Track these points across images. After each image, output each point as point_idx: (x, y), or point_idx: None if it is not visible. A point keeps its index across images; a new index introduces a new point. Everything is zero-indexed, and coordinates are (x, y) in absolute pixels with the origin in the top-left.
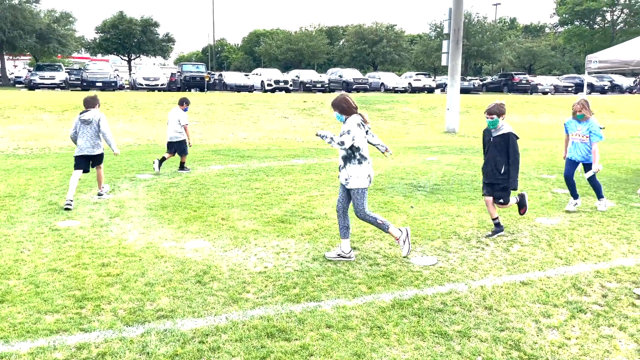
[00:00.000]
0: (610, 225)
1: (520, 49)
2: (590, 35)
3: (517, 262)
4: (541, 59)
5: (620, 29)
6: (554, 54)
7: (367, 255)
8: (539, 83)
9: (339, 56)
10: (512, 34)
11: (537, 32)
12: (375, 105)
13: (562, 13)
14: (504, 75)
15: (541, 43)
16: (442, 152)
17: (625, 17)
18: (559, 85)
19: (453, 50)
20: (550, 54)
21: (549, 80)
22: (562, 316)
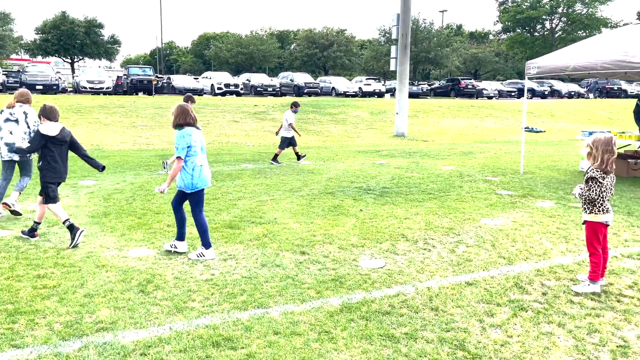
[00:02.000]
0: (550, 225)
1: (466, 55)
2: (532, 42)
3: (463, 263)
4: (486, 64)
5: (559, 37)
6: (498, 60)
7: (316, 260)
8: (484, 88)
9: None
10: (458, 41)
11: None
12: (327, 109)
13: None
14: (451, 80)
15: (486, 49)
16: (392, 155)
17: (563, 25)
18: (502, 90)
19: (401, 55)
20: (494, 60)
21: (493, 86)
22: (505, 315)
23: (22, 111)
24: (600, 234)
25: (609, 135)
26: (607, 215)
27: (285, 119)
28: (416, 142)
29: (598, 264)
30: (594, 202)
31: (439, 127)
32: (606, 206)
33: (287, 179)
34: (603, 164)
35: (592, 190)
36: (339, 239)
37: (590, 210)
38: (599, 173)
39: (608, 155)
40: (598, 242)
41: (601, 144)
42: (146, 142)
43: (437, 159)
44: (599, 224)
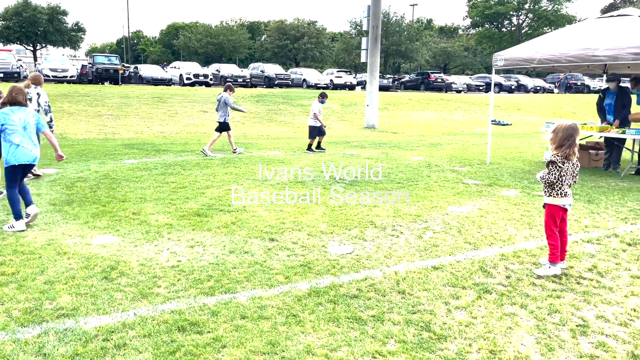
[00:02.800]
0: (515, 212)
1: (435, 49)
2: (499, 37)
3: (429, 248)
4: (455, 59)
5: (526, 32)
6: (467, 54)
7: (285, 246)
8: (453, 82)
9: (260, 51)
10: (428, 35)
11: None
12: (298, 100)
13: (474, 16)
14: (420, 74)
15: (455, 44)
16: (362, 146)
17: (529, 21)
18: (471, 84)
19: (372, 47)
20: (463, 54)
21: (462, 80)
22: (470, 297)
23: (36, 92)
24: (558, 217)
25: (573, 122)
26: (565, 199)
27: (311, 109)
28: (386, 133)
29: (556, 246)
30: (553, 185)
31: (409, 119)
32: (565, 190)
33: (257, 169)
34: (563, 150)
35: (552, 173)
36: (309, 226)
37: (549, 193)
38: (560, 158)
39: (569, 142)
40: (555, 225)
41: (562, 130)
42: (112, 131)
43: (407, 150)
44: (557, 207)
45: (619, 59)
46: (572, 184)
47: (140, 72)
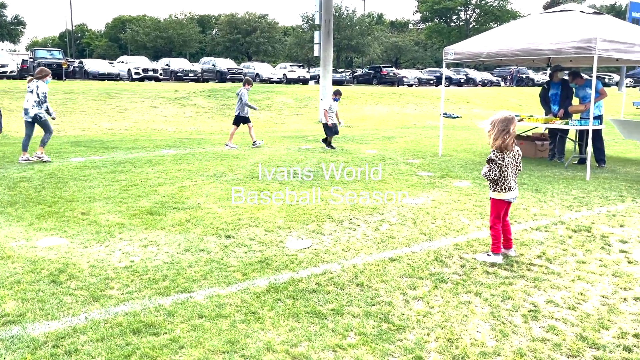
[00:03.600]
0: (467, 202)
1: (387, 43)
2: (448, 32)
3: (386, 240)
4: (406, 53)
5: (473, 27)
6: (417, 48)
7: (242, 243)
8: (405, 76)
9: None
10: (379, 29)
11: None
12: (251, 95)
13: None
14: (373, 68)
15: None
16: (317, 140)
17: (476, 16)
18: (422, 78)
19: (324, 41)
20: (414, 48)
21: (413, 74)
22: (427, 287)
23: (36, 85)
24: (502, 211)
25: (508, 113)
26: (509, 194)
27: (320, 106)
28: (340, 127)
29: (497, 237)
30: (496, 181)
31: (362, 113)
32: (509, 184)
33: (210, 165)
34: (500, 142)
35: (492, 171)
36: (265, 221)
37: (493, 188)
38: (498, 154)
39: (505, 134)
40: (499, 219)
41: (499, 123)
42: (56, 128)
43: (361, 144)
44: (501, 201)
45: (562, 53)
46: (517, 173)
47: (86, 67)
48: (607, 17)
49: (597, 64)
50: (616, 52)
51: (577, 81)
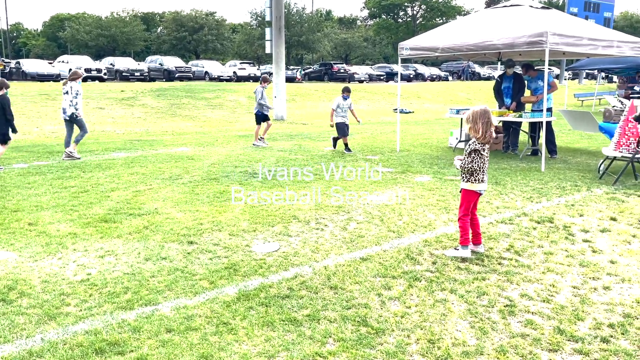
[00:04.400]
0: (430, 197)
1: (336, 39)
2: (396, 28)
3: (355, 240)
4: (355, 49)
5: (420, 23)
6: (367, 45)
7: (206, 249)
8: (356, 72)
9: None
10: (328, 26)
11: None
12: (202, 94)
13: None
14: (324, 64)
15: (354, 35)
16: (274, 138)
17: (423, 12)
18: (372, 74)
19: (276, 37)
20: (363, 45)
21: (364, 70)
22: (401, 286)
23: (70, 86)
24: (472, 202)
25: (484, 107)
26: (483, 185)
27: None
28: (296, 125)
29: (465, 229)
30: (473, 172)
31: (317, 110)
32: (482, 176)
33: (165, 167)
34: (483, 135)
35: (475, 162)
36: (229, 225)
37: (467, 179)
38: (481, 145)
39: (487, 126)
40: (468, 211)
41: (479, 116)
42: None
43: (318, 141)
44: (474, 192)
45: (515, 47)
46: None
47: (24, 68)
48: (555, 12)
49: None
50: (565, 46)
51: (530, 73)
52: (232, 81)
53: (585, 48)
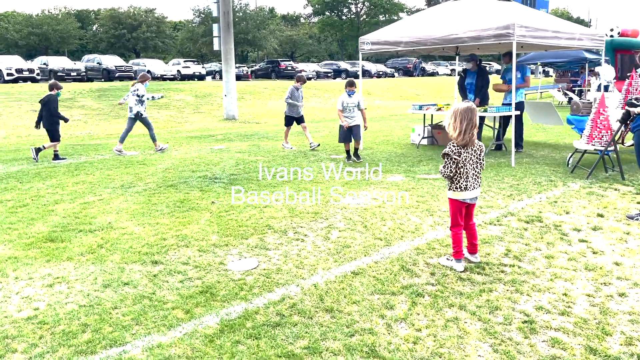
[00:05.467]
0: (409, 199)
1: (281, 37)
2: (341, 25)
3: (341, 250)
4: (301, 46)
5: (364, 20)
6: (312, 42)
7: (174, 269)
8: (303, 69)
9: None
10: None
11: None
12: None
13: (315, 4)
14: (270, 62)
15: (300, 32)
16: (229, 139)
17: (366, 9)
18: (320, 72)
19: (224, 34)
20: (308, 42)
21: (311, 67)
22: (404, 304)
23: (136, 87)
24: (458, 211)
25: (469, 104)
26: (466, 193)
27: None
28: (249, 124)
29: (456, 241)
30: (452, 178)
31: (267, 108)
32: (465, 184)
33: (114, 174)
34: (461, 135)
35: (447, 167)
36: (196, 239)
37: (449, 186)
38: (455, 148)
39: (468, 126)
40: (457, 220)
41: (459, 114)
42: None
43: (276, 141)
44: (457, 201)
45: (482, 40)
46: (479, 172)
47: None
48: (515, 4)
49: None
50: (532, 38)
51: (506, 61)
52: (175, 80)
53: (550, 40)
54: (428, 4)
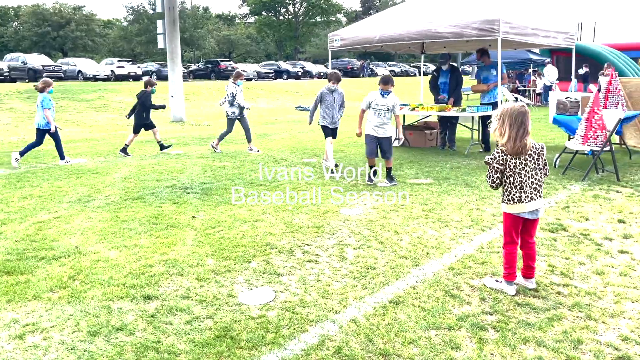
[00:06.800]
0: (412, 208)
1: (218, 36)
2: (278, 25)
3: (367, 273)
4: (239, 47)
5: (302, 20)
6: (250, 42)
7: (175, 306)
8: (244, 70)
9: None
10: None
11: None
12: (81, 95)
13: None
14: (209, 62)
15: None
16: (185, 143)
17: (304, 10)
18: (261, 72)
19: (170, 30)
20: (246, 42)
21: (252, 67)
22: (471, 343)
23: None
24: (513, 228)
25: (520, 105)
26: (521, 206)
27: None
28: (200, 126)
29: (510, 261)
30: (497, 188)
31: (215, 110)
32: (518, 194)
33: (66, 185)
34: (510, 142)
35: (489, 176)
36: (190, 264)
37: (502, 198)
38: (499, 155)
39: (518, 131)
40: (511, 237)
41: (508, 117)
42: None
43: (239, 144)
44: (511, 215)
45: (463, 35)
46: (540, 181)
47: None
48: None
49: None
50: (515, 35)
51: (484, 60)
52: (110, 80)
53: (530, 38)
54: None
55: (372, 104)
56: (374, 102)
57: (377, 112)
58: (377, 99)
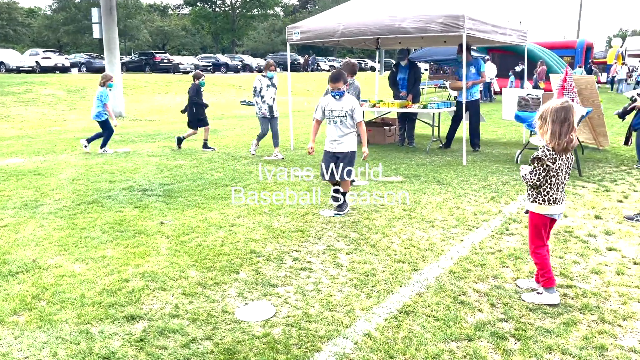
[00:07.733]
0: (395, 208)
1: (151, 27)
2: (215, 17)
3: (368, 282)
4: (173, 38)
5: (240, 13)
6: (185, 34)
7: (166, 327)
8: (181, 62)
9: None
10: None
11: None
12: (7, 87)
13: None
14: (144, 54)
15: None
16: (130, 140)
17: (241, 2)
18: (199, 65)
19: (106, 19)
20: (181, 33)
21: (189, 60)
22: (493, 353)
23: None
24: (543, 229)
25: (562, 101)
26: (554, 208)
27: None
28: (141, 122)
29: (544, 265)
30: (538, 189)
31: (154, 104)
32: (554, 196)
33: (6, 189)
34: (557, 139)
35: (535, 174)
36: (170, 277)
37: (534, 197)
38: (550, 153)
39: (563, 128)
40: (541, 239)
41: (550, 114)
42: None
43: (190, 141)
44: (542, 217)
45: (427, 31)
46: (566, 180)
47: None
48: None
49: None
50: (477, 32)
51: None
52: (35, 72)
53: (490, 35)
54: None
55: (326, 110)
56: (327, 109)
57: (331, 121)
58: (330, 104)
